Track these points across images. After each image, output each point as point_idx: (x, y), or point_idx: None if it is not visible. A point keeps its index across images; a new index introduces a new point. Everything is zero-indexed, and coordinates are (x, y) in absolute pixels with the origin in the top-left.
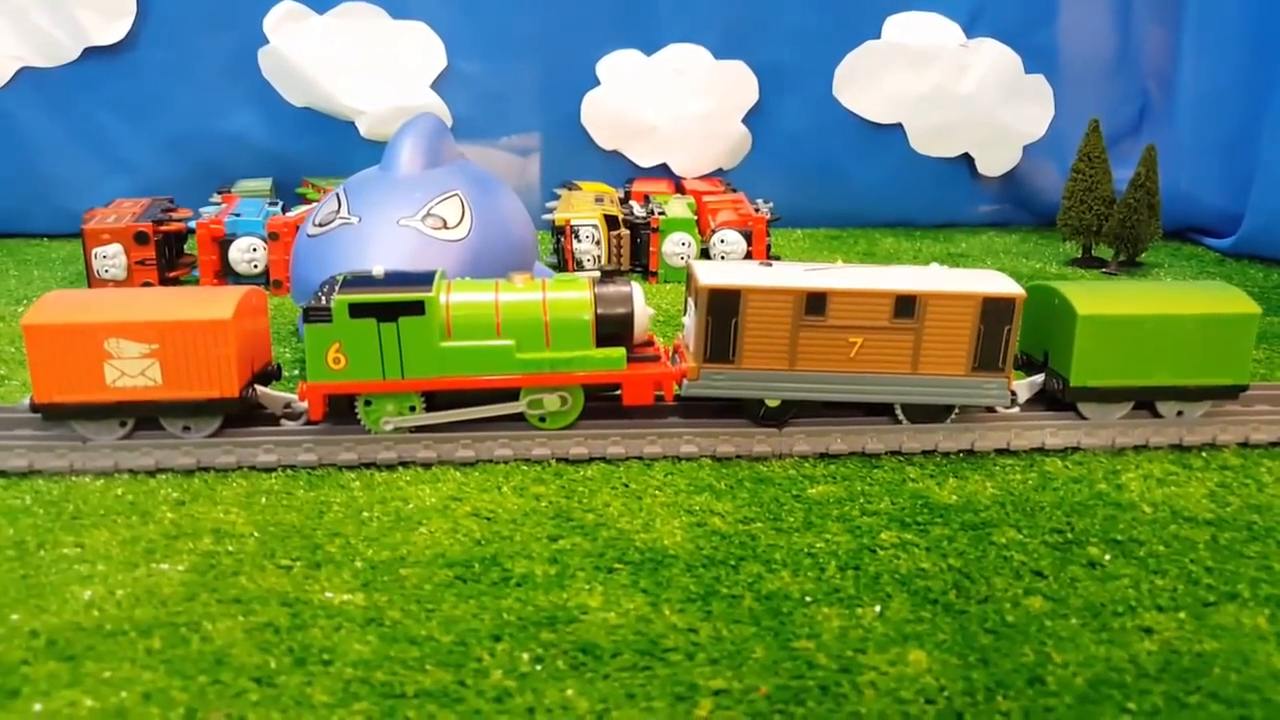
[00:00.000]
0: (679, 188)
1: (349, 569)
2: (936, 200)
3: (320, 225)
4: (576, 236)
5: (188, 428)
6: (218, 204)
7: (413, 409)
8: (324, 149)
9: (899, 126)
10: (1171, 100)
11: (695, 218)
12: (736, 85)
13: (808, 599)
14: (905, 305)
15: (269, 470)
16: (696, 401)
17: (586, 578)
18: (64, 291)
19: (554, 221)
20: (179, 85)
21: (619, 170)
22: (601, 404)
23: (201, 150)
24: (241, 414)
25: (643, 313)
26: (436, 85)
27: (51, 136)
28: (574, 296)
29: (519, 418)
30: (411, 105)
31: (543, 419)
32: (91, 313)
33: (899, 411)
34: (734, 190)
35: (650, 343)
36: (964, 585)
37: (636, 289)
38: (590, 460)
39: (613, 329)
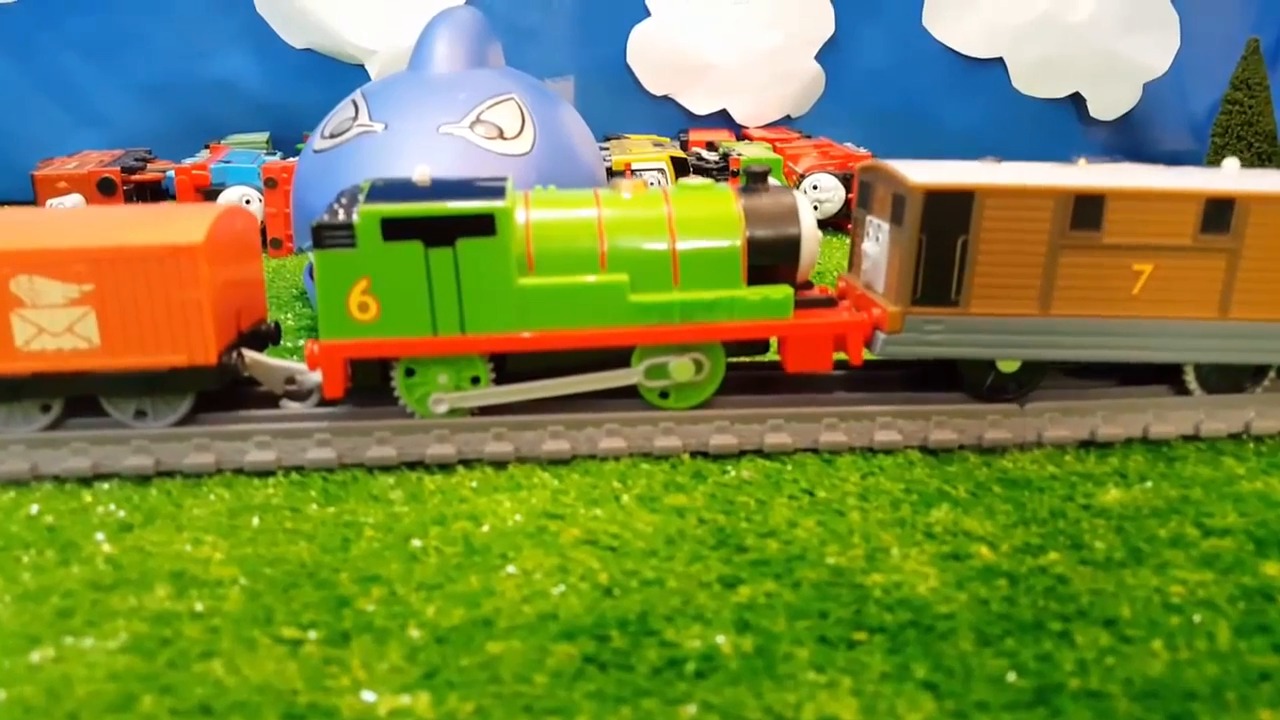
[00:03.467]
0: (740, 139)
1: (399, 643)
2: (1041, 148)
3: (331, 137)
4: (639, 179)
5: (143, 412)
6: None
7: (476, 381)
8: (329, 98)
9: (999, 61)
10: None
11: (781, 159)
12: (809, 15)
13: (1226, 694)
14: (1218, 214)
15: (264, 474)
16: (880, 367)
17: (813, 659)
18: None
19: (610, 165)
20: (157, 22)
21: (670, 120)
22: (733, 373)
23: (185, 100)
24: (223, 390)
25: (813, 235)
26: None
27: (6, 83)
28: (715, 211)
29: (629, 392)
30: None
31: (665, 394)
32: None
33: (1190, 378)
34: (808, 137)
35: (809, 284)
36: None
37: (803, 200)
38: (741, 454)
39: (771, 258)
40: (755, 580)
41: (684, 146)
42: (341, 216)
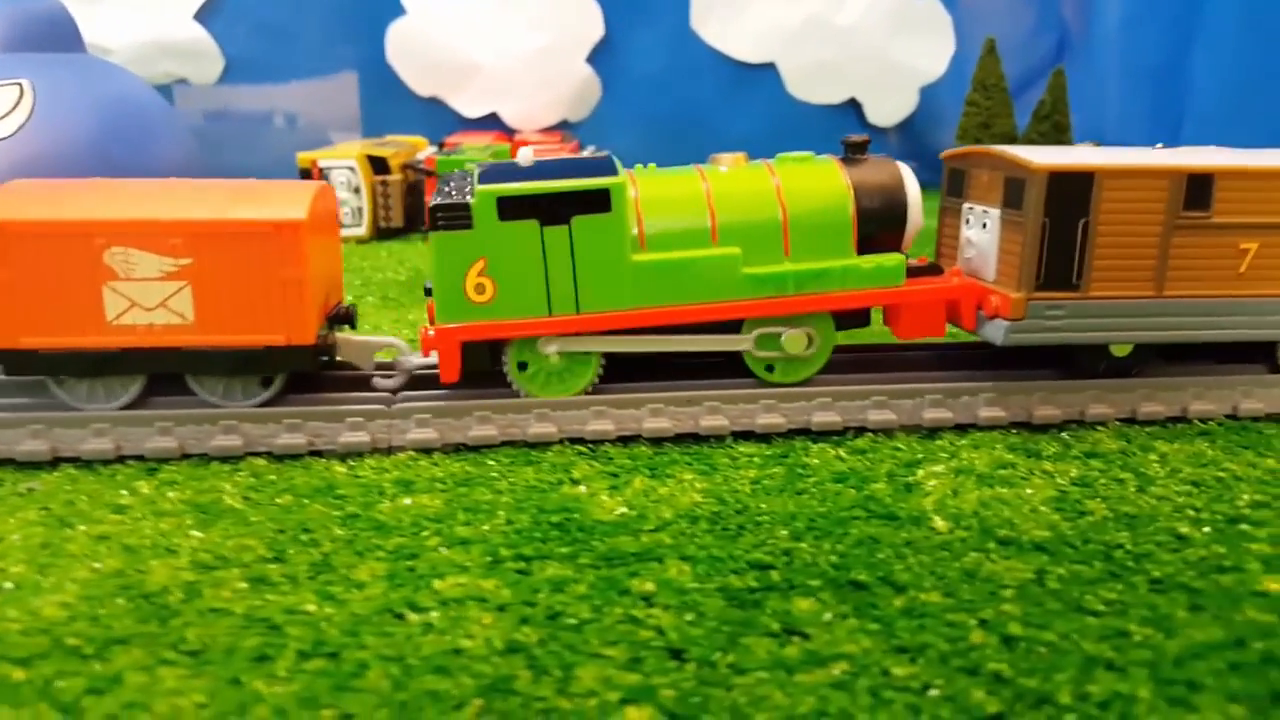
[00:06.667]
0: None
1: None
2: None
3: None
4: (326, 181)
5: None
6: None
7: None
8: None
9: (771, 66)
10: (1089, 26)
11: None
12: (576, 16)
13: None
14: None
15: None
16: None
17: None
18: (37, 181)
19: (298, 162)
20: None
21: (443, 122)
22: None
23: None
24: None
25: (918, 204)
26: (202, 15)
27: None
28: (823, 182)
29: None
30: (172, 40)
31: (771, 368)
32: (84, 206)
33: None
34: (568, 141)
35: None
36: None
37: (906, 169)
38: (247, 455)
39: (880, 227)
40: None
41: (441, 147)
42: (458, 196)
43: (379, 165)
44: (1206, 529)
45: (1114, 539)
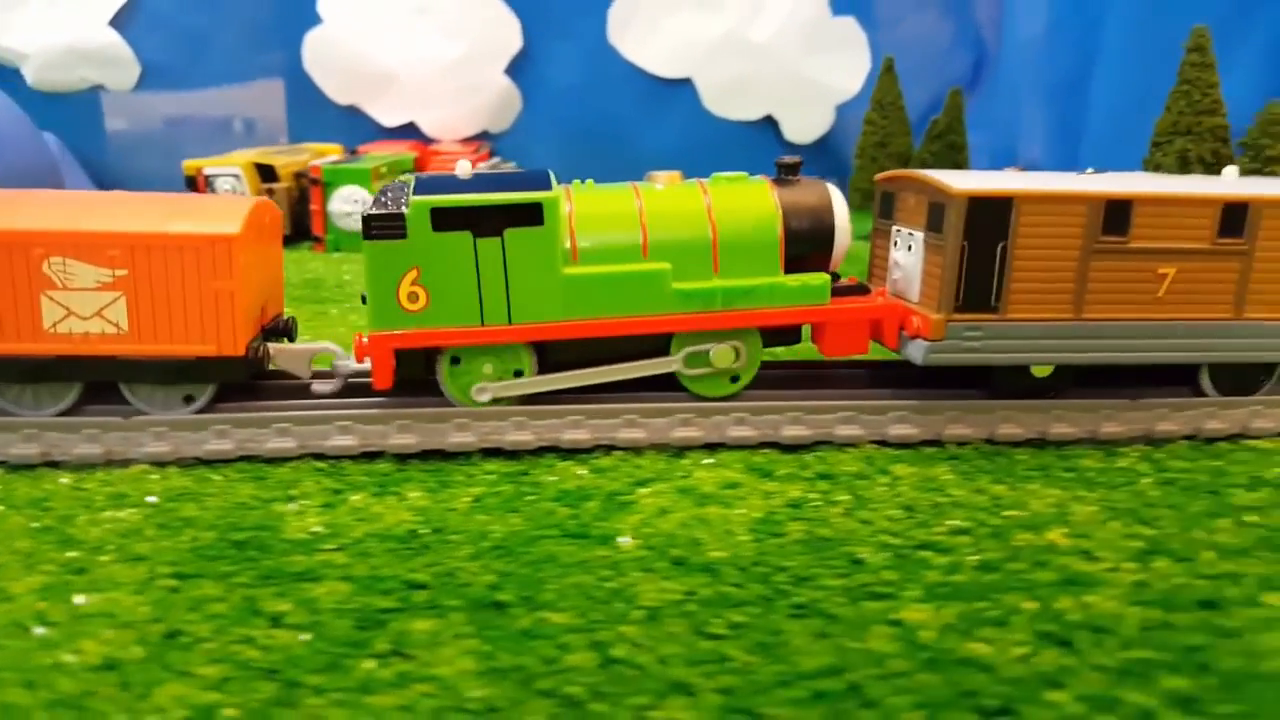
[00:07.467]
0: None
1: None
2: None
3: None
4: (211, 189)
5: (191, 397)
6: None
7: (519, 373)
8: None
9: (688, 82)
10: (1001, 43)
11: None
12: (494, 27)
13: None
14: (1234, 218)
15: None
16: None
17: None
18: None
19: (183, 170)
20: None
21: (362, 131)
22: None
23: None
24: (247, 382)
25: (846, 226)
26: (118, 21)
27: None
28: (753, 201)
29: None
30: (88, 46)
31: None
32: (24, 216)
33: (1205, 380)
34: (485, 150)
35: (836, 275)
36: None
37: (835, 191)
38: None
39: (808, 247)
40: None
41: (354, 154)
42: (393, 207)
43: (266, 173)
44: (887, 554)
45: (787, 562)
